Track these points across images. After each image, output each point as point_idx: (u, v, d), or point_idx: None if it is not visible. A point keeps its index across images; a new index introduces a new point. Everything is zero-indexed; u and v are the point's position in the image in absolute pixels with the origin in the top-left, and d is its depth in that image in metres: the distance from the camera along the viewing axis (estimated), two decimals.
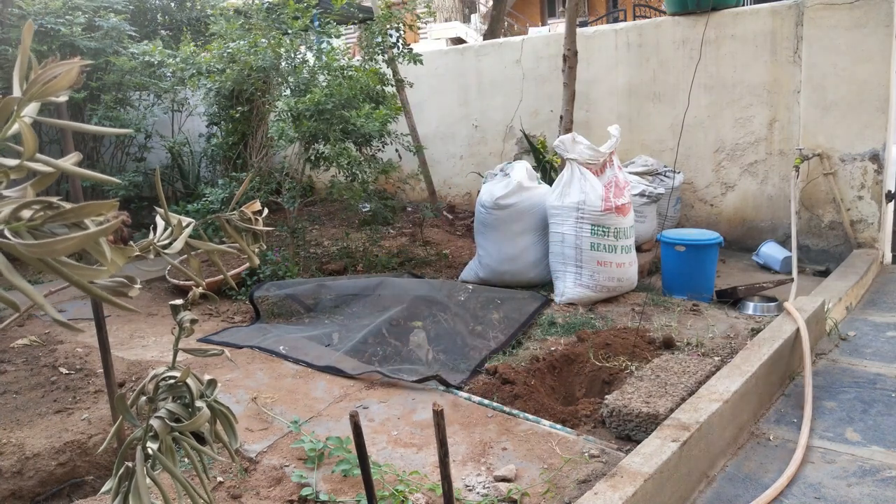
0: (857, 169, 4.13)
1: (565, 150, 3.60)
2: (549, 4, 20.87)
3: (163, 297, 4.04)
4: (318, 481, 1.97)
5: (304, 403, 2.50)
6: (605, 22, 10.80)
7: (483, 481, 1.92)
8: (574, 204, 3.50)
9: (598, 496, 1.68)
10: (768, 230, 4.56)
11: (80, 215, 0.72)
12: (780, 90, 4.37)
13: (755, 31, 4.39)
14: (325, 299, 3.68)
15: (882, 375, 2.71)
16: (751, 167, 4.57)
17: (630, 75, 4.97)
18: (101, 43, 4.88)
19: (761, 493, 1.92)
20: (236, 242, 1.14)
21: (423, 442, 2.18)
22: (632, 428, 2.23)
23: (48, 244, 0.67)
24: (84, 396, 2.54)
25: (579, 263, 3.51)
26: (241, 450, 2.16)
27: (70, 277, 0.71)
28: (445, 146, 6.03)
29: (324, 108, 3.97)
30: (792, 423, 2.36)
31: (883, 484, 1.97)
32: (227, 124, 4.79)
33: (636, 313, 3.27)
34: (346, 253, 4.56)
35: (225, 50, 4.29)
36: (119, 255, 0.77)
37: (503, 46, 5.69)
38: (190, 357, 1.13)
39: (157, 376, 0.99)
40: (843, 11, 4.02)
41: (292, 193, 4.14)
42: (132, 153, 5.68)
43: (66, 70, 0.74)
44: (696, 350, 2.80)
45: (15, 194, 0.72)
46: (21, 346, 3.13)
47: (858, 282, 3.65)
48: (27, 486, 2.10)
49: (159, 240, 0.97)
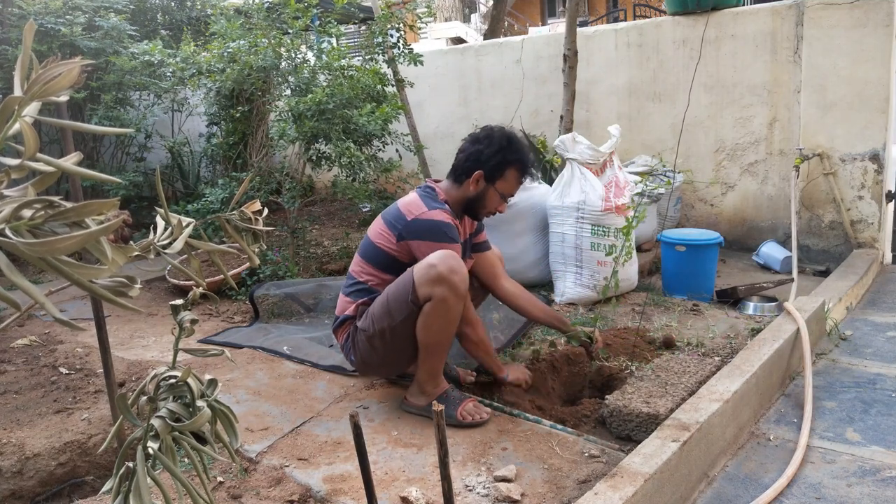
0: (857, 169, 4.13)
1: (565, 149, 3.61)
2: (549, 4, 20.87)
3: (163, 297, 4.04)
4: (319, 481, 1.97)
5: (305, 403, 2.50)
6: (606, 22, 10.81)
7: (483, 481, 1.92)
8: (574, 204, 3.50)
9: (599, 496, 1.68)
10: (768, 230, 4.56)
11: (81, 214, 0.72)
12: (781, 90, 4.37)
13: (755, 31, 4.40)
14: (326, 299, 3.68)
15: (882, 375, 2.71)
16: (751, 167, 4.57)
17: (630, 75, 4.97)
18: (101, 43, 4.88)
19: (761, 493, 1.93)
20: (236, 242, 1.14)
21: (423, 442, 2.18)
22: (632, 428, 2.23)
23: (49, 243, 0.67)
24: (84, 396, 2.54)
25: (579, 263, 3.52)
26: (242, 450, 2.16)
27: (71, 276, 0.71)
28: (445, 146, 6.03)
29: (325, 107, 3.97)
30: (792, 423, 2.36)
31: (883, 484, 1.97)
32: (228, 124, 4.79)
33: (636, 313, 3.27)
34: (346, 253, 4.56)
35: (225, 49, 4.29)
36: (119, 254, 0.77)
37: (503, 46, 5.69)
38: (190, 357, 1.13)
39: (157, 376, 0.99)
40: (843, 11, 4.02)
41: (292, 193, 4.14)
42: (132, 153, 5.68)
43: (67, 70, 0.74)
44: (696, 350, 2.80)
45: (16, 194, 0.72)
46: (21, 346, 3.13)
47: (858, 282, 3.65)
48: (27, 486, 2.10)
49: (159, 240, 0.97)
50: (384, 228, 2.41)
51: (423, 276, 2.17)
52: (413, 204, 2.39)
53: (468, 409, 2.30)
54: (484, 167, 2.43)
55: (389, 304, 2.26)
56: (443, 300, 2.16)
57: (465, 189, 2.46)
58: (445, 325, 2.22)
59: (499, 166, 2.44)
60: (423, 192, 2.45)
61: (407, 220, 2.35)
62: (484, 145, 2.44)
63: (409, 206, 2.39)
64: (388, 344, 2.30)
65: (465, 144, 2.52)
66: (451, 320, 2.22)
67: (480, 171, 2.43)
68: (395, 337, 2.28)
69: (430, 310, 2.18)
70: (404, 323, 2.23)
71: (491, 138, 2.46)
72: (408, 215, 2.36)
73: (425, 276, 2.17)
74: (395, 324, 2.25)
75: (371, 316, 2.31)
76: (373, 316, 2.31)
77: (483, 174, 2.43)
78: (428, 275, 2.16)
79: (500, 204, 2.51)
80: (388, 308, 2.26)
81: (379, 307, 2.29)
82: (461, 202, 2.49)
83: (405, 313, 2.22)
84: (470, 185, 2.45)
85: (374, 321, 2.30)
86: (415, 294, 2.18)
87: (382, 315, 2.27)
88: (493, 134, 2.47)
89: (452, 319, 2.22)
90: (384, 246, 2.38)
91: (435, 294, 2.16)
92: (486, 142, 2.45)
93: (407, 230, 2.33)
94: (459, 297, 2.18)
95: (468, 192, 2.46)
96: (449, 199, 2.47)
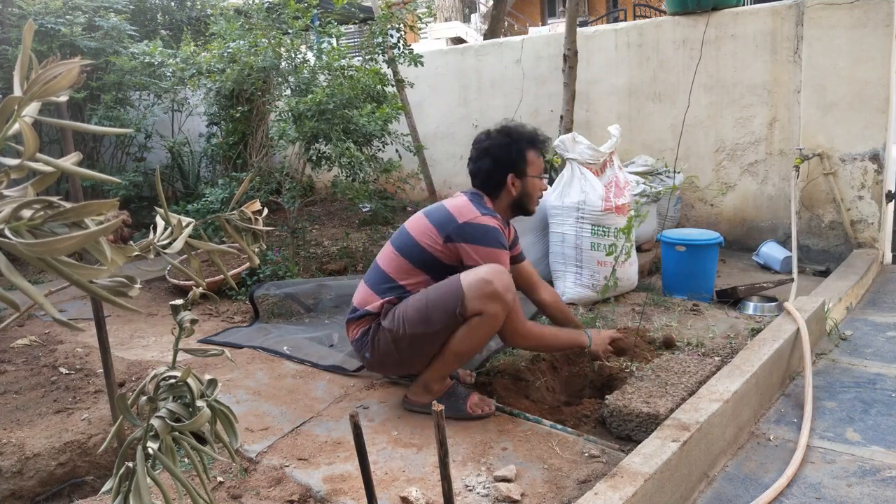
0: (857, 169, 4.13)
1: (565, 149, 3.60)
2: (549, 4, 20.87)
3: (163, 297, 4.04)
4: (319, 481, 1.97)
5: (305, 403, 2.50)
6: (606, 22, 10.81)
7: (483, 481, 1.92)
8: (574, 204, 3.50)
9: (599, 496, 1.68)
10: (768, 230, 4.56)
11: (81, 215, 0.72)
12: (781, 90, 4.37)
13: (755, 31, 4.40)
14: (326, 299, 3.68)
15: (882, 375, 2.71)
16: (751, 167, 4.57)
17: (630, 75, 4.97)
18: (101, 43, 4.88)
19: (761, 493, 1.93)
20: (236, 242, 1.14)
21: (423, 442, 2.18)
22: (632, 428, 2.23)
23: (49, 243, 0.67)
24: (84, 396, 2.54)
25: (579, 263, 3.52)
26: (242, 450, 2.16)
27: (71, 276, 0.71)
28: (445, 146, 6.03)
29: (325, 107, 3.97)
30: (792, 423, 2.36)
31: (883, 484, 1.97)
32: (228, 124, 4.79)
33: (636, 313, 3.27)
34: (346, 253, 4.56)
35: (225, 50, 4.29)
36: (119, 254, 0.77)
37: (503, 46, 5.69)
38: (190, 357, 1.13)
39: (157, 376, 0.99)
40: (843, 11, 4.02)
41: (292, 193, 4.14)
42: (132, 153, 5.68)
43: (67, 70, 0.74)
44: (696, 350, 2.80)
45: (15, 194, 0.72)
46: (21, 346, 3.14)
47: (858, 282, 3.65)
48: (27, 486, 2.10)
49: (159, 240, 0.97)
50: (430, 228, 2.37)
51: (477, 291, 2.16)
52: (465, 207, 2.38)
53: (475, 402, 2.34)
54: (510, 169, 2.46)
55: (429, 310, 2.22)
56: (494, 317, 2.18)
57: (506, 197, 2.50)
58: (487, 338, 2.28)
59: (519, 158, 2.48)
60: (473, 197, 2.44)
61: (458, 222, 2.33)
62: (493, 154, 2.47)
63: (460, 209, 2.38)
64: (415, 348, 2.29)
65: (478, 165, 2.52)
66: (491, 335, 2.29)
67: (510, 173, 2.46)
68: (425, 343, 2.26)
69: (477, 324, 2.19)
70: (441, 332, 2.22)
71: (494, 144, 2.48)
72: (459, 217, 2.34)
73: (479, 290, 2.16)
74: (431, 331, 2.23)
75: (402, 318, 2.27)
76: (405, 318, 2.26)
77: (514, 174, 2.47)
78: (483, 290, 2.16)
79: (541, 185, 2.56)
80: (427, 314, 2.22)
81: (414, 311, 2.25)
82: (508, 208, 2.54)
83: (446, 322, 2.20)
84: (510, 190, 2.49)
85: (405, 324, 2.26)
86: (464, 307, 2.17)
87: (418, 320, 2.24)
88: (492, 139, 2.50)
89: (492, 334, 2.28)
90: (428, 245, 2.35)
91: (487, 310, 2.16)
92: (494, 149, 2.48)
93: (457, 233, 2.32)
94: (506, 314, 2.23)
95: (511, 197, 2.50)
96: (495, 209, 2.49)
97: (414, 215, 2.52)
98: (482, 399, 2.37)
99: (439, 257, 2.35)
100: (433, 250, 2.35)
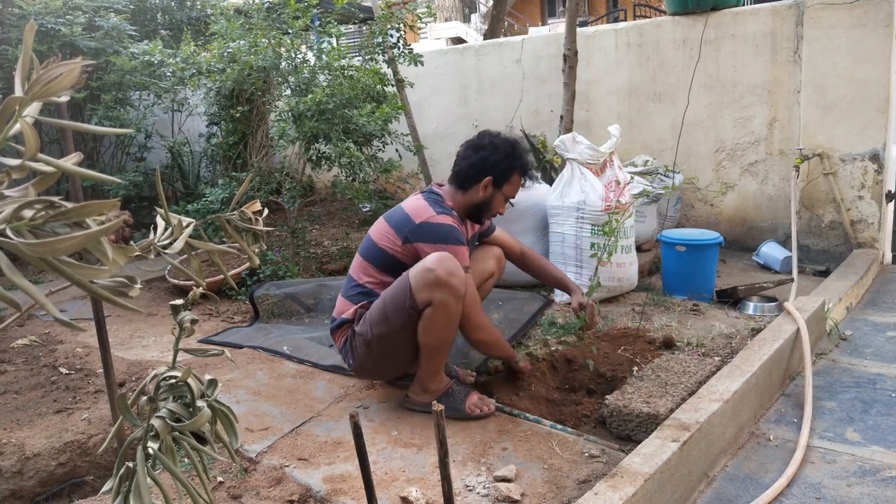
0: (857, 169, 4.13)
1: (565, 149, 3.60)
2: (549, 4, 20.88)
3: (163, 297, 4.04)
4: (319, 481, 1.97)
5: (305, 403, 2.50)
6: (606, 22, 10.81)
7: (483, 481, 1.92)
8: (574, 204, 3.50)
9: (599, 496, 1.68)
10: (768, 230, 4.56)
11: (82, 215, 0.72)
12: (781, 90, 4.37)
13: (755, 31, 4.40)
14: (325, 299, 3.68)
15: (882, 375, 2.71)
16: (751, 167, 4.57)
17: (630, 75, 4.97)
18: (101, 43, 4.88)
19: (761, 493, 1.93)
20: (236, 242, 1.14)
21: (423, 442, 2.18)
22: (632, 428, 2.23)
23: (50, 243, 0.67)
24: (84, 396, 2.54)
25: (579, 263, 3.52)
26: (242, 450, 2.16)
27: (72, 276, 0.71)
28: (445, 146, 6.03)
29: (325, 107, 3.97)
30: (792, 423, 2.36)
31: (883, 484, 1.97)
32: (228, 124, 4.79)
33: (636, 313, 3.27)
34: (346, 253, 4.56)
35: (225, 50, 4.29)
36: (120, 254, 0.77)
37: (503, 46, 5.69)
38: (190, 357, 1.13)
39: (157, 376, 0.99)
40: (843, 11, 4.02)
41: (292, 193, 4.14)
42: (132, 153, 5.68)
43: (68, 70, 0.74)
44: (696, 350, 2.80)
45: (17, 194, 0.72)
46: (21, 346, 3.14)
47: (858, 282, 3.65)
48: (27, 486, 2.10)
49: (159, 240, 0.97)
50: (389, 231, 2.41)
51: (421, 281, 2.17)
52: (421, 208, 2.39)
53: (474, 401, 2.34)
54: (492, 173, 2.47)
55: (387, 309, 2.25)
56: (443, 304, 2.16)
57: (472, 195, 2.50)
58: (448, 326, 2.23)
59: (506, 171, 2.48)
60: (429, 197, 2.46)
61: (414, 223, 2.35)
62: (489, 152, 2.48)
63: (416, 210, 2.40)
64: (385, 349, 2.31)
65: (466, 151, 2.54)
66: (453, 321, 2.23)
67: (490, 177, 2.46)
68: (392, 342, 2.28)
69: (431, 314, 2.18)
70: (403, 328, 2.23)
71: (495, 145, 2.50)
72: (415, 219, 2.36)
73: (423, 280, 2.16)
74: (392, 329, 2.24)
75: (368, 321, 2.31)
76: (370, 321, 2.30)
77: (492, 180, 2.47)
78: (426, 279, 2.16)
79: (503, 206, 2.57)
80: (386, 314, 2.25)
81: (376, 313, 2.29)
82: (467, 207, 2.53)
83: (403, 319, 2.21)
84: (479, 190, 2.48)
85: (371, 326, 2.29)
86: (413, 299, 2.18)
87: (380, 321, 2.27)
88: (496, 140, 2.51)
89: (454, 320, 2.23)
90: (388, 248, 2.38)
91: (435, 299, 2.15)
92: (491, 149, 2.49)
93: (414, 234, 2.34)
94: (459, 299, 2.19)
95: (475, 198, 2.50)
96: (454, 204, 2.50)
97: (377, 220, 2.53)
98: (482, 399, 2.37)
99: (400, 259, 2.37)
100: (394, 252, 2.37)
